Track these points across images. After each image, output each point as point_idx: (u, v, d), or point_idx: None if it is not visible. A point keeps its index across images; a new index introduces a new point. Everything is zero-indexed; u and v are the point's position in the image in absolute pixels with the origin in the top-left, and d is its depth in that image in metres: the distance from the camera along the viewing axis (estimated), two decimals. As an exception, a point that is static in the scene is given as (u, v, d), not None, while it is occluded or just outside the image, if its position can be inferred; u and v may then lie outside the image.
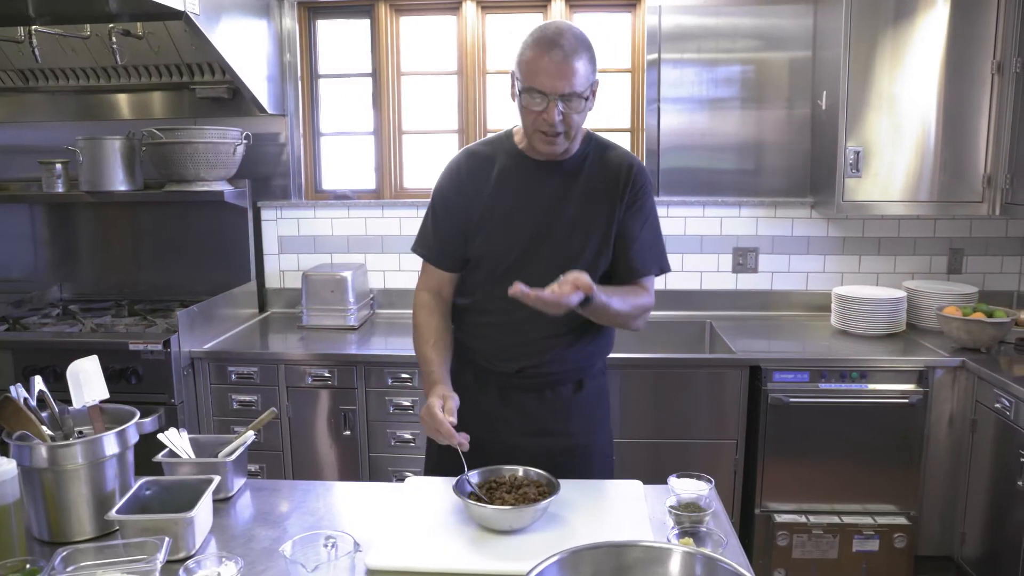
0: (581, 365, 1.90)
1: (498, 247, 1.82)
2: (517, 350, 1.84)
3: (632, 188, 1.81)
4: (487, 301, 1.84)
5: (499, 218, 1.81)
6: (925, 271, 3.44)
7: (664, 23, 3.35)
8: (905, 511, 2.85)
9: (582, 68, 1.66)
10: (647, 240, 1.84)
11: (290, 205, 3.59)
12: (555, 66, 1.64)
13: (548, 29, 1.68)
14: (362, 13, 3.54)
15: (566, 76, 1.64)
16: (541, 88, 1.66)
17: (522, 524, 1.51)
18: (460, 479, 1.60)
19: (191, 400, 2.95)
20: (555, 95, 1.65)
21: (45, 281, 3.69)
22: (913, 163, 3.05)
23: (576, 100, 1.67)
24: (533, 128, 1.72)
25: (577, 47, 1.66)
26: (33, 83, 3.43)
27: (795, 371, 2.80)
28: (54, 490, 1.50)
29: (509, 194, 1.81)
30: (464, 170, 1.88)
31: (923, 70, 2.99)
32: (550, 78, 1.65)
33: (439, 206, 1.92)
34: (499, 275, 1.78)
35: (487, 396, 1.87)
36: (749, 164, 3.43)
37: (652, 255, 1.86)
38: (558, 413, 1.89)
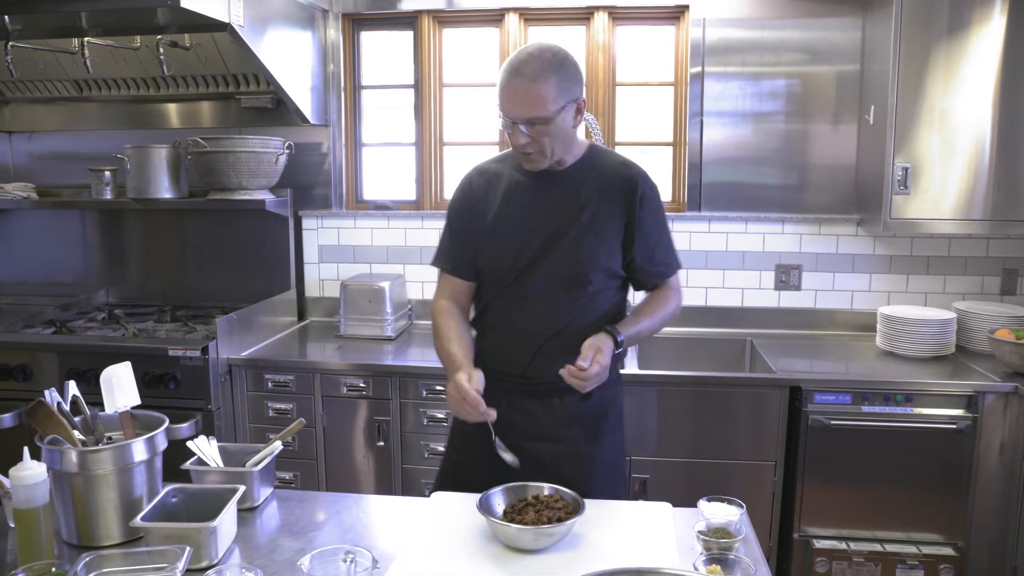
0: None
1: (505, 257, 1.91)
2: (523, 354, 1.91)
3: (643, 197, 1.90)
4: (496, 308, 1.96)
5: (506, 229, 1.91)
6: (977, 292, 3.33)
7: (708, 36, 3.31)
8: (952, 542, 2.75)
9: (546, 92, 1.73)
10: (666, 244, 1.97)
11: (331, 215, 3.62)
12: (515, 93, 1.75)
13: (518, 55, 1.77)
14: (405, 25, 3.56)
15: (526, 103, 1.74)
16: (506, 114, 1.78)
17: (545, 544, 1.48)
18: (485, 496, 1.58)
19: (228, 407, 2.98)
20: (518, 120, 1.76)
21: (93, 285, 3.77)
22: (965, 180, 2.95)
23: (540, 124, 1.76)
24: (513, 148, 1.86)
25: (541, 72, 1.73)
26: (87, 92, 3.53)
27: (837, 392, 2.72)
28: (83, 494, 1.52)
29: (515, 206, 1.92)
30: (475, 185, 2.00)
31: (977, 84, 2.89)
32: (512, 105, 1.76)
33: (453, 221, 2.03)
34: (508, 283, 1.91)
35: (495, 399, 1.86)
36: (793, 180, 3.36)
37: (672, 256, 1.99)
38: (564, 420, 1.94)
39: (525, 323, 1.89)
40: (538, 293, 1.89)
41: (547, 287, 1.87)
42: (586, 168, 1.91)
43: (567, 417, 1.93)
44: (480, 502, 1.55)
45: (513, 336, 1.92)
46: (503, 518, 1.55)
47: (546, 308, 1.89)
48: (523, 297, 1.90)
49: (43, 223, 3.81)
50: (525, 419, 1.92)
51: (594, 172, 1.91)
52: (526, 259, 1.88)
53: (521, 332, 1.91)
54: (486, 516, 1.51)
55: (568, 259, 1.86)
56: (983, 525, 2.76)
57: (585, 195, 1.88)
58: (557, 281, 1.86)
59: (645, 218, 1.90)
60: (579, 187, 1.89)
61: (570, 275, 1.86)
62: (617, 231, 1.88)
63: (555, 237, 1.87)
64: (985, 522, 2.75)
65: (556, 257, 1.86)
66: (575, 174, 1.91)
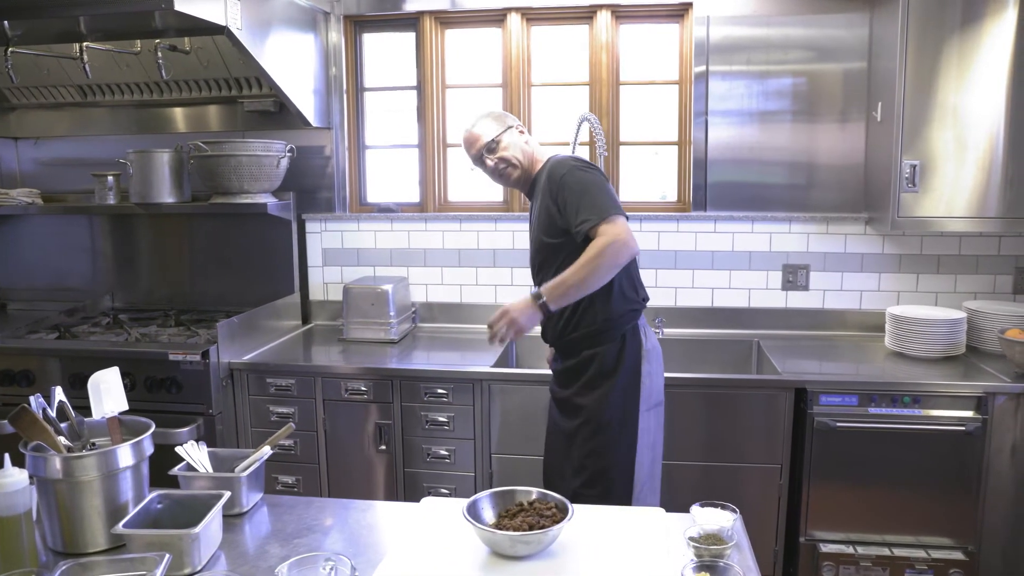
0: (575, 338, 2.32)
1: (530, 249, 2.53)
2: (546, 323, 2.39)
3: (551, 184, 2.27)
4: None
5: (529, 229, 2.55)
6: (988, 291, 3.26)
7: (712, 34, 3.27)
8: (962, 545, 2.69)
9: (482, 128, 2.38)
10: (578, 205, 2.20)
11: (334, 218, 3.61)
12: (465, 142, 2.44)
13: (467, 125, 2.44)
14: (407, 26, 3.55)
15: (472, 143, 2.40)
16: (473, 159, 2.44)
17: (531, 551, 1.45)
18: (472, 501, 1.56)
19: (229, 411, 2.97)
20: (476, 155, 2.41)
21: (99, 290, 3.79)
22: (977, 177, 2.89)
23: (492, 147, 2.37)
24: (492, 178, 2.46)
25: (476, 121, 2.40)
26: (91, 98, 3.55)
27: (843, 394, 2.67)
28: (68, 501, 1.51)
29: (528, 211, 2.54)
30: None
31: (988, 79, 2.83)
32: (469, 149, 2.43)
33: None
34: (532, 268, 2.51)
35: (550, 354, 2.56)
36: (800, 178, 3.31)
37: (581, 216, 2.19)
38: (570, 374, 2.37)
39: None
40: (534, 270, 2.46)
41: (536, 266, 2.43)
42: (541, 177, 2.37)
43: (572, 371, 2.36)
44: (467, 508, 1.53)
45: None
46: (495, 524, 1.52)
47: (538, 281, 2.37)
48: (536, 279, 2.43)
49: (49, 229, 3.82)
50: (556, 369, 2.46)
51: (542, 177, 2.35)
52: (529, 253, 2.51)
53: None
54: (472, 523, 1.48)
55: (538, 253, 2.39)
56: (994, 528, 2.70)
57: (540, 198, 2.34)
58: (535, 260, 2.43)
59: (556, 197, 2.25)
60: (538, 194, 2.36)
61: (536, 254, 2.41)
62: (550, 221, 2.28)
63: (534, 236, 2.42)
64: (996, 525, 2.69)
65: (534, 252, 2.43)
66: (538, 183, 2.39)
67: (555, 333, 2.38)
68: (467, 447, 2.91)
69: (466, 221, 3.52)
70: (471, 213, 3.53)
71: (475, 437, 2.90)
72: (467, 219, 3.52)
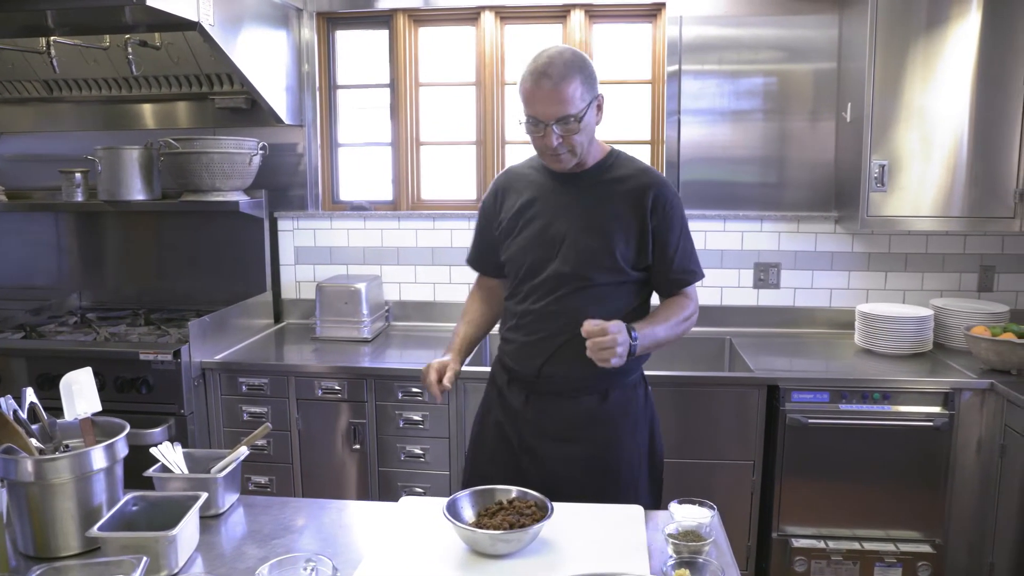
0: (607, 374, 1.88)
1: (519, 251, 1.99)
2: (536, 352, 1.96)
3: (659, 205, 1.92)
4: (512, 303, 2.03)
5: (523, 228, 1.99)
6: (954, 289, 3.33)
7: (685, 34, 3.29)
8: (930, 539, 2.74)
9: (573, 91, 1.80)
10: (684, 252, 1.98)
11: (307, 216, 3.58)
12: (545, 95, 1.80)
13: (540, 60, 1.83)
14: (380, 24, 3.53)
15: (557, 102, 1.80)
16: (536, 116, 1.83)
17: (511, 549, 1.46)
18: (452, 500, 1.56)
19: (201, 411, 2.94)
20: (550, 121, 1.81)
21: (66, 289, 3.72)
22: (942, 177, 2.95)
23: (571, 122, 1.82)
24: (540, 150, 1.92)
25: (566, 73, 1.79)
26: (57, 93, 3.48)
27: (814, 391, 2.71)
28: (40, 504, 1.48)
29: (533, 203, 1.99)
30: (501, 186, 2.09)
31: (953, 81, 2.89)
32: (543, 106, 1.81)
33: (481, 219, 2.16)
34: (520, 277, 2.00)
35: (515, 396, 2.03)
36: (771, 177, 3.35)
37: (692, 264, 2.00)
38: (580, 421, 1.97)
39: (537, 323, 1.96)
40: (546, 291, 1.95)
41: (554, 286, 1.93)
42: (604, 171, 1.97)
43: (582, 418, 1.97)
44: (447, 507, 1.53)
45: (525, 332, 1.98)
46: (475, 523, 1.52)
47: (556, 307, 1.93)
48: (533, 295, 1.97)
49: (14, 226, 3.74)
50: (542, 418, 1.98)
51: (611, 175, 1.96)
52: (536, 258, 1.96)
53: (532, 329, 1.97)
54: (452, 521, 1.48)
55: (572, 258, 1.91)
56: (961, 522, 2.75)
57: (598, 196, 1.94)
58: (562, 280, 1.92)
59: (660, 225, 1.92)
60: (594, 188, 1.95)
61: (572, 274, 1.91)
62: (627, 234, 1.91)
63: (562, 237, 1.93)
64: (962, 519, 2.75)
65: (562, 256, 1.92)
66: (594, 176, 1.96)
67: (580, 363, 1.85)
68: (442, 446, 2.90)
69: (439, 219, 3.51)
70: (444, 211, 3.53)
71: (450, 436, 2.89)
72: (440, 217, 3.51)
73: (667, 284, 2.01)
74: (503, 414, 2.05)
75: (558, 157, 1.89)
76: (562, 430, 1.97)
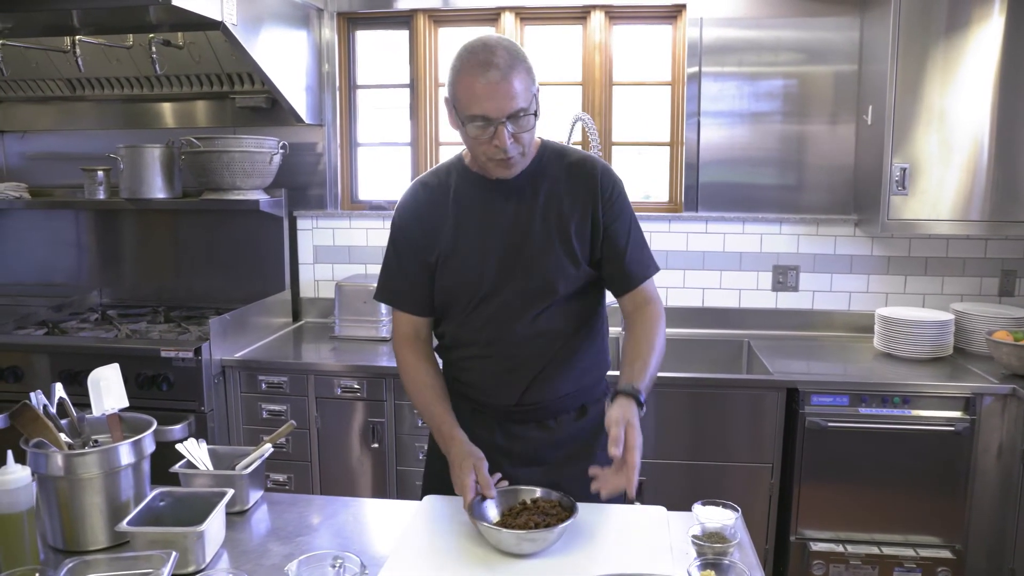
0: (581, 389, 1.81)
1: (470, 276, 1.72)
2: (511, 382, 1.77)
3: (604, 194, 1.72)
4: (469, 333, 1.78)
5: (466, 246, 1.72)
6: (975, 293, 3.31)
7: (705, 36, 3.29)
8: (950, 544, 2.73)
9: (521, 82, 1.55)
10: (636, 244, 1.76)
11: (326, 215, 3.59)
12: (494, 87, 1.52)
13: (476, 49, 1.56)
14: (401, 24, 3.54)
15: (508, 96, 1.53)
16: (485, 113, 1.55)
17: (537, 549, 1.46)
18: (476, 500, 1.56)
19: (221, 408, 2.95)
20: (502, 117, 1.55)
21: (86, 286, 3.75)
22: (963, 180, 2.93)
23: (524, 117, 1.57)
24: (485, 157, 1.62)
25: (512, 62, 1.54)
26: (80, 92, 3.51)
27: (834, 394, 2.70)
28: (69, 499, 1.49)
29: (472, 220, 1.72)
30: (422, 202, 1.77)
31: (975, 84, 2.87)
32: (492, 101, 1.53)
33: (401, 242, 1.80)
34: (476, 303, 1.74)
35: (486, 429, 1.80)
36: (791, 180, 3.34)
37: (644, 257, 1.78)
38: (561, 441, 1.81)
39: (504, 349, 1.74)
40: (512, 314, 1.72)
41: (521, 305, 1.71)
42: (543, 168, 1.73)
43: (563, 438, 1.81)
44: (471, 506, 1.53)
45: (494, 364, 1.77)
46: (499, 523, 1.53)
47: (531, 330, 1.73)
48: (495, 319, 1.73)
49: (36, 223, 3.78)
50: (519, 446, 1.80)
51: (551, 172, 1.73)
52: (491, 277, 1.71)
53: (502, 360, 1.76)
54: (476, 521, 1.49)
55: (535, 271, 1.70)
56: (981, 527, 2.74)
57: (544, 198, 1.71)
58: (530, 298, 1.71)
59: (609, 214, 1.72)
60: (537, 190, 1.71)
61: (538, 288, 1.70)
62: (580, 230, 1.71)
63: (519, 247, 1.70)
64: (983, 524, 2.74)
65: (523, 268, 1.70)
66: (532, 176, 1.71)
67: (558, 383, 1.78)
68: (460, 445, 2.91)
69: (458, 219, 3.51)
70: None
71: (468, 435, 2.89)
72: (459, 217, 3.51)
73: (622, 279, 1.76)
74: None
75: (507, 162, 1.62)
76: (540, 453, 1.81)
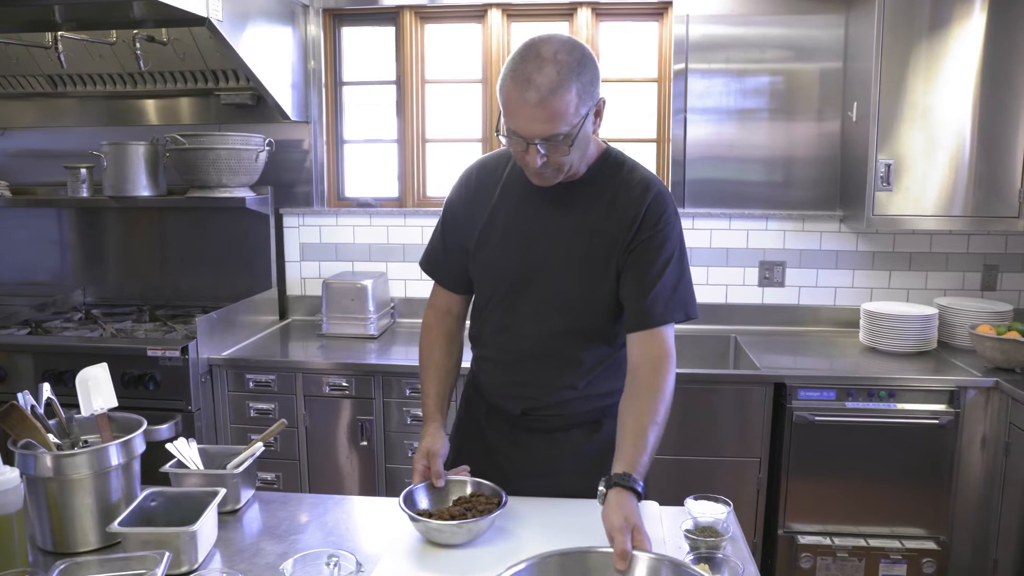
0: (597, 406, 1.75)
1: (493, 273, 1.69)
2: (518, 391, 1.74)
3: (649, 220, 1.58)
4: (488, 333, 1.75)
5: (495, 242, 1.68)
6: (958, 288, 3.34)
7: (691, 32, 3.30)
8: (935, 535, 2.76)
9: (566, 105, 1.43)
10: (669, 281, 1.58)
11: (312, 212, 3.58)
12: (531, 109, 1.43)
13: (526, 58, 1.44)
14: (387, 20, 3.53)
15: (543, 120, 1.43)
16: (518, 131, 1.47)
17: (464, 539, 1.49)
18: (408, 491, 1.59)
19: (208, 407, 2.94)
20: (533, 139, 1.47)
21: (70, 285, 3.71)
22: (946, 177, 2.96)
23: (560, 142, 1.47)
24: (520, 163, 1.57)
25: (560, 82, 1.41)
26: (61, 88, 3.47)
27: (821, 389, 2.72)
28: (58, 500, 1.48)
29: (506, 216, 1.68)
30: (474, 181, 1.74)
31: (958, 82, 2.90)
32: (526, 121, 1.45)
33: (449, 219, 1.78)
34: (496, 302, 1.70)
35: (495, 431, 1.80)
36: (777, 176, 3.36)
37: (675, 299, 1.59)
38: (570, 456, 1.75)
39: (514, 356, 1.71)
40: (524, 319, 1.67)
41: (533, 314, 1.65)
42: (595, 178, 1.63)
43: (573, 453, 1.75)
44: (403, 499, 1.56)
45: (504, 370, 1.74)
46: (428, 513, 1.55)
47: (546, 349, 1.67)
48: (510, 324, 1.69)
49: (18, 222, 3.73)
50: (527, 456, 1.76)
51: (603, 184, 1.63)
52: (517, 277, 1.65)
53: (511, 367, 1.72)
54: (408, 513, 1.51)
55: (567, 288, 1.62)
56: (965, 519, 2.77)
57: (585, 211, 1.62)
58: (553, 316, 1.64)
59: (648, 247, 1.58)
60: (582, 200, 1.62)
61: (566, 306, 1.63)
62: (613, 254, 1.61)
63: (536, 263, 1.63)
64: (967, 516, 2.77)
65: (553, 283, 1.63)
66: (582, 183, 1.63)
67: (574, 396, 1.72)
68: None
69: (445, 216, 3.51)
70: (450, 208, 3.52)
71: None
72: (446, 214, 3.51)
73: (637, 315, 1.58)
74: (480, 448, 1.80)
75: (541, 175, 1.55)
76: (550, 466, 1.75)
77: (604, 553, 1.29)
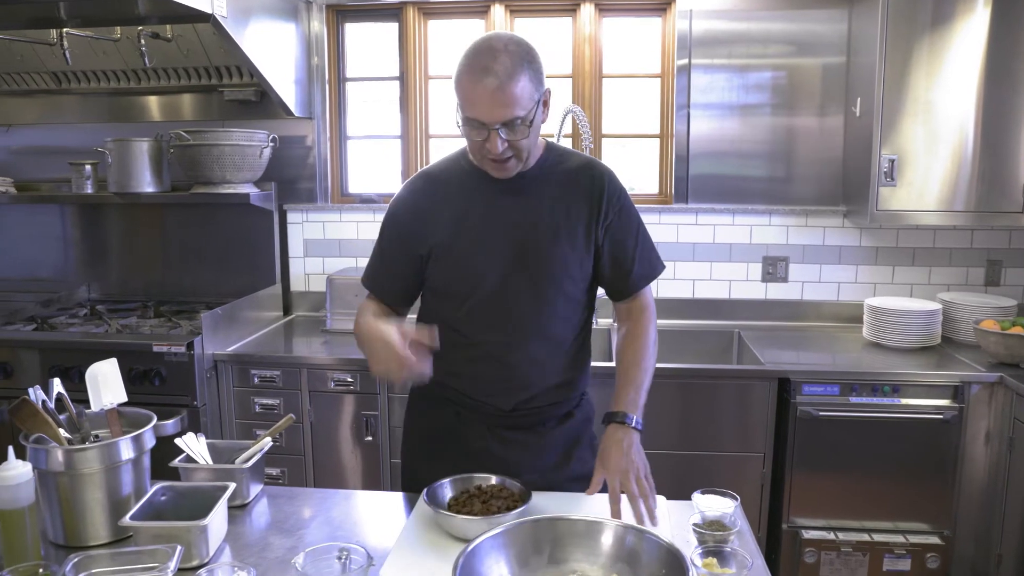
0: (570, 396, 1.84)
1: (473, 272, 1.72)
2: (510, 386, 1.76)
3: (612, 202, 1.74)
4: (466, 334, 1.74)
5: (465, 240, 1.71)
6: (962, 283, 3.35)
7: (695, 28, 3.30)
8: (939, 530, 2.77)
9: (521, 90, 1.54)
10: (644, 250, 1.80)
11: (316, 208, 3.58)
12: (490, 95, 1.52)
13: (481, 51, 1.55)
14: (390, 16, 3.53)
15: (503, 104, 1.53)
16: (479, 118, 1.55)
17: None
18: (432, 487, 1.59)
19: (214, 403, 2.94)
20: (495, 124, 1.55)
21: (74, 281, 3.72)
22: (950, 172, 2.97)
23: (519, 125, 1.57)
24: (480, 156, 1.64)
25: (513, 69, 1.53)
26: (65, 85, 3.48)
27: (825, 384, 2.73)
28: (69, 494, 1.49)
29: (475, 215, 1.71)
30: (420, 193, 1.77)
31: (961, 76, 2.90)
32: (487, 108, 1.54)
33: (392, 235, 1.78)
34: (475, 301, 1.72)
35: (476, 435, 1.79)
36: (780, 172, 3.36)
37: (650, 262, 1.83)
38: (551, 445, 1.81)
39: (508, 350, 1.73)
40: (511, 311, 1.72)
41: (521, 303, 1.71)
42: (548, 170, 1.74)
43: (553, 442, 1.82)
44: (427, 494, 1.56)
45: (496, 366, 1.75)
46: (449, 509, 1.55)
47: (532, 333, 1.73)
48: (496, 319, 1.72)
49: (22, 218, 3.74)
50: (516, 453, 1.79)
51: (556, 174, 1.74)
52: (498, 272, 1.71)
53: (504, 361, 1.74)
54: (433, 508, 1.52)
55: (544, 265, 1.71)
56: (969, 514, 2.78)
57: (550, 200, 1.72)
58: (530, 295, 1.71)
59: (619, 227, 1.75)
60: (543, 191, 1.72)
61: (543, 287, 1.71)
62: (586, 237, 1.73)
63: (524, 245, 1.70)
64: (971, 511, 2.78)
65: (533, 265, 1.70)
66: (538, 177, 1.72)
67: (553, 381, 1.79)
68: (454, 438, 2.92)
69: (449, 212, 3.51)
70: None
71: (462, 428, 2.90)
72: (450, 210, 3.51)
73: (625, 288, 1.81)
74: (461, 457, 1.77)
75: (502, 165, 1.63)
76: (537, 459, 1.80)
77: (571, 520, 1.39)
